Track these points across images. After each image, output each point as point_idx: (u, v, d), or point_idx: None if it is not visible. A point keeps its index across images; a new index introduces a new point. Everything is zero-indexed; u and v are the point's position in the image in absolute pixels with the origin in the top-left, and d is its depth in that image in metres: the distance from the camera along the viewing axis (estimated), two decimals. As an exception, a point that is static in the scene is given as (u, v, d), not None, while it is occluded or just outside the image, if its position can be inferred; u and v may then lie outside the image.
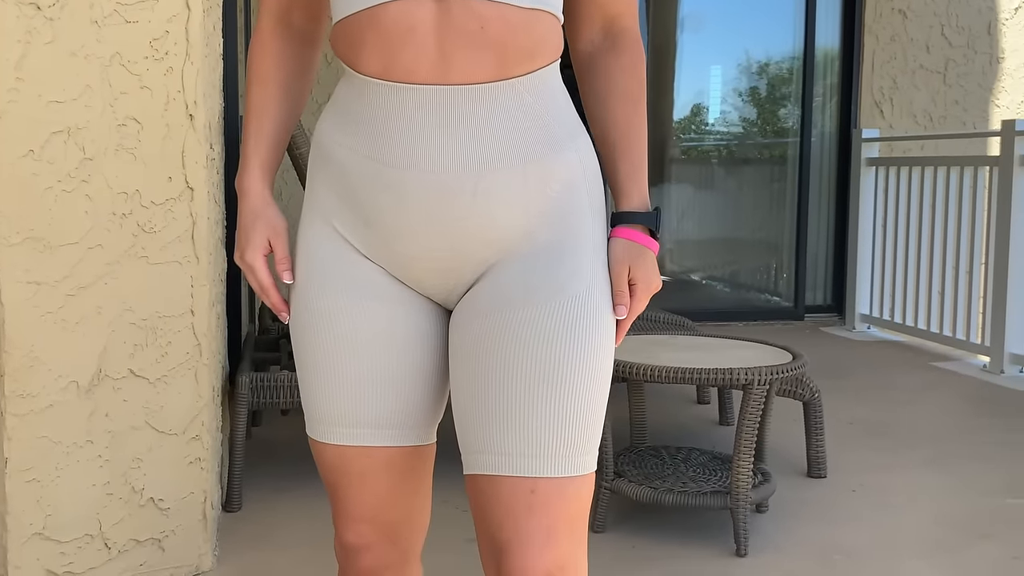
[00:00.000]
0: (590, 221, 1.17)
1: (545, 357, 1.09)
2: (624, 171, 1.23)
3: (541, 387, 1.09)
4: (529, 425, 1.08)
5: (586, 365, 1.11)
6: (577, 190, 1.17)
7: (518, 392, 1.09)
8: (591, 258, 1.16)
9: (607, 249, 1.20)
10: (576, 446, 1.10)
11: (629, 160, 1.22)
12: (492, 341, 1.11)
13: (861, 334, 5.71)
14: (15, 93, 2.08)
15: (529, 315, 1.11)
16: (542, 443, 1.09)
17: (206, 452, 2.31)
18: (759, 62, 6.21)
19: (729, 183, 6.29)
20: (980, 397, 4.21)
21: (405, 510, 1.25)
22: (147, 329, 2.22)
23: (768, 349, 2.87)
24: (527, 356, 1.10)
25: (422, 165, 1.09)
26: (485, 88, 1.09)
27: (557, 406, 1.09)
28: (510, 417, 1.09)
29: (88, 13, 2.11)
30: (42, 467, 2.16)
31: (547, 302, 1.11)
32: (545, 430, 1.08)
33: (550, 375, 1.09)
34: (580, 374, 1.10)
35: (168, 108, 2.19)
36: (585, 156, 1.19)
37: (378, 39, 1.09)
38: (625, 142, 1.23)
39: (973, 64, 6.28)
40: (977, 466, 3.22)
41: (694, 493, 2.51)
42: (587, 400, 1.10)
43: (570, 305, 1.11)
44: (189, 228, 2.24)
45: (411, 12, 1.08)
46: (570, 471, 1.10)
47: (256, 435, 3.50)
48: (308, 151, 2.79)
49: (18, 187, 2.10)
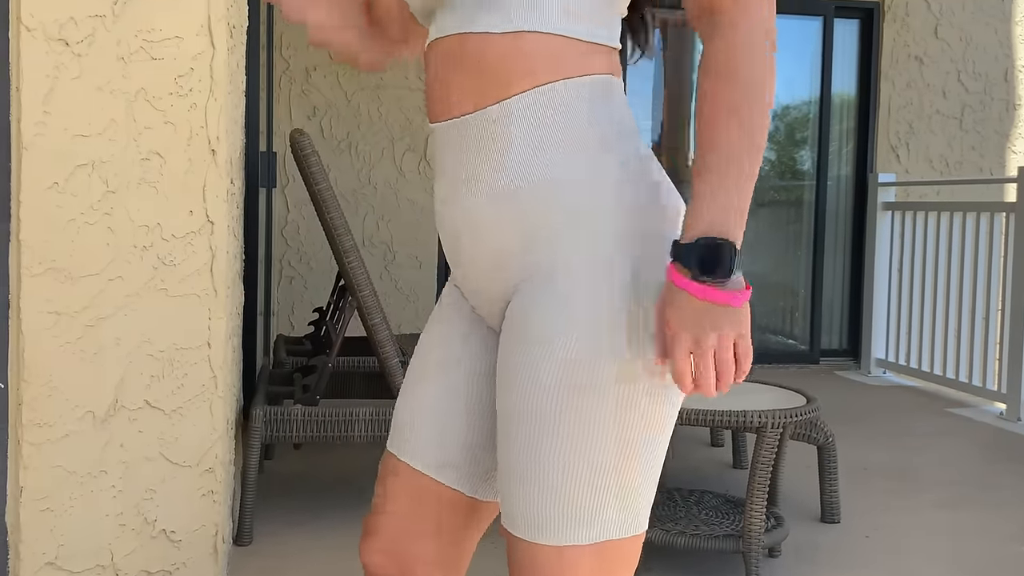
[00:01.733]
0: (604, 254, 1.01)
1: (521, 423, 1.03)
2: (697, 190, 1.00)
3: (518, 450, 1.03)
4: (506, 483, 1.06)
5: (561, 439, 1.00)
6: (582, 216, 1.03)
7: (501, 449, 1.07)
8: (591, 301, 1.00)
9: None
10: (549, 516, 1.03)
11: (705, 177, 0.99)
12: (495, 382, 1.14)
13: (877, 379, 5.68)
14: (42, 127, 2.12)
15: (516, 362, 1.03)
16: (513, 503, 1.04)
17: (219, 485, 2.32)
18: (776, 106, 6.25)
19: (746, 225, 6.29)
20: (996, 444, 4.18)
21: (432, 556, 1.20)
22: (164, 361, 2.24)
23: (782, 392, 2.86)
24: (506, 412, 1.05)
25: (449, 199, 1.12)
26: (469, 119, 1.07)
27: (531, 472, 1.02)
28: (503, 472, 1.07)
29: (115, 50, 2.15)
30: (56, 496, 2.18)
31: (531, 352, 1.02)
32: (522, 493, 1.03)
33: (523, 443, 1.02)
34: (555, 449, 1.00)
35: (191, 143, 2.23)
36: (602, 178, 1.04)
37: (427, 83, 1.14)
38: (704, 150, 1.00)
39: (990, 110, 6.30)
40: (992, 513, 3.19)
41: (706, 536, 2.50)
42: (567, 473, 1.01)
43: (555, 365, 1.00)
44: (208, 261, 2.26)
45: (430, 52, 1.12)
46: (538, 538, 1.02)
47: (268, 469, 3.50)
48: (312, 155, 2.82)
49: (42, 218, 2.13)
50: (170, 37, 2.19)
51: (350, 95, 5.47)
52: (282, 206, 5.42)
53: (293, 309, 5.47)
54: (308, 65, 5.41)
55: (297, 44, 5.39)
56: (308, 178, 2.86)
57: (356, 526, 2.92)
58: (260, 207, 3.98)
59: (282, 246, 5.44)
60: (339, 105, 5.46)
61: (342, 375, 3.60)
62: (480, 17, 1.05)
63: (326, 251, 5.45)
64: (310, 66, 5.41)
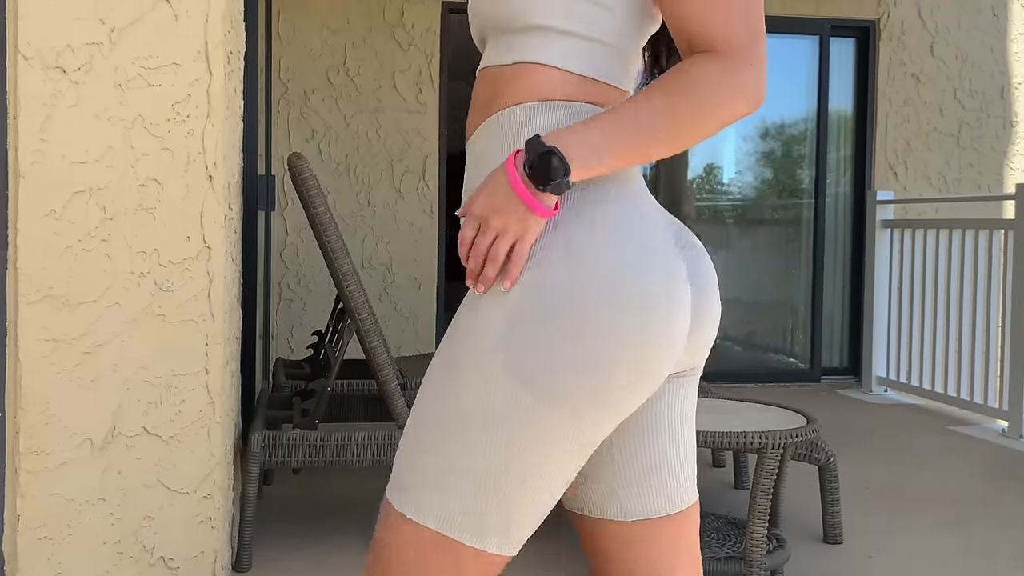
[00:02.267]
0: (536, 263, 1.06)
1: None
2: (589, 118, 1.05)
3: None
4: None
5: (417, 404, 1.10)
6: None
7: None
8: (475, 307, 1.08)
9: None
10: (394, 478, 1.10)
11: (601, 114, 1.04)
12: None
13: (878, 397, 5.66)
14: (39, 154, 2.12)
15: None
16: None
17: (217, 511, 2.31)
18: (774, 124, 6.27)
19: (744, 244, 6.30)
20: (998, 462, 4.16)
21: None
22: (161, 387, 2.24)
23: (782, 412, 2.85)
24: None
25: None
26: (471, 140, 1.16)
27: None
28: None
29: (112, 77, 2.16)
30: (54, 524, 2.17)
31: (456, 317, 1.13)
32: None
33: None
34: (415, 413, 1.09)
35: (188, 169, 2.23)
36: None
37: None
38: (623, 103, 1.05)
39: (987, 127, 6.31)
40: (996, 532, 3.17)
41: (708, 559, 2.48)
42: (408, 434, 1.09)
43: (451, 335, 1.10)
44: (206, 287, 2.26)
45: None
46: (389, 496, 1.09)
47: (267, 494, 3.49)
48: (310, 178, 2.83)
49: (39, 246, 2.13)
50: (167, 64, 2.20)
51: (348, 118, 5.48)
52: (281, 229, 5.43)
53: (292, 332, 5.47)
54: (306, 88, 5.43)
55: (295, 68, 5.41)
56: (306, 201, 2.86)
57: (355, 551, 2.90)
58: (259, 230, 3.99)
59: (281, 269, 5.44)
60: (337, 128, 5.48)
61: (341, 399, 3.59)
62: (493, 54, 1.13)
63: (325, 274, 5.45)
64: (308, 89, 5.43)
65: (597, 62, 1.10)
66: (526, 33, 1.09)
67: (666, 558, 1.17)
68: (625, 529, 1.17)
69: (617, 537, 1.17)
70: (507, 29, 1.10)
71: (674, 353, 1.07)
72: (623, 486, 1.16)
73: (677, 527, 1.18)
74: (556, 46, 1.08)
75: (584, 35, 1.09)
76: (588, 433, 1.05)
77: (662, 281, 1.05)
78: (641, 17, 1.12)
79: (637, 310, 1.03)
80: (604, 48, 1.10)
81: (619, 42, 1.11)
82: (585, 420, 1.03)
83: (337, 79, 5.46)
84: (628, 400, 1.05)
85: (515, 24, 1.09)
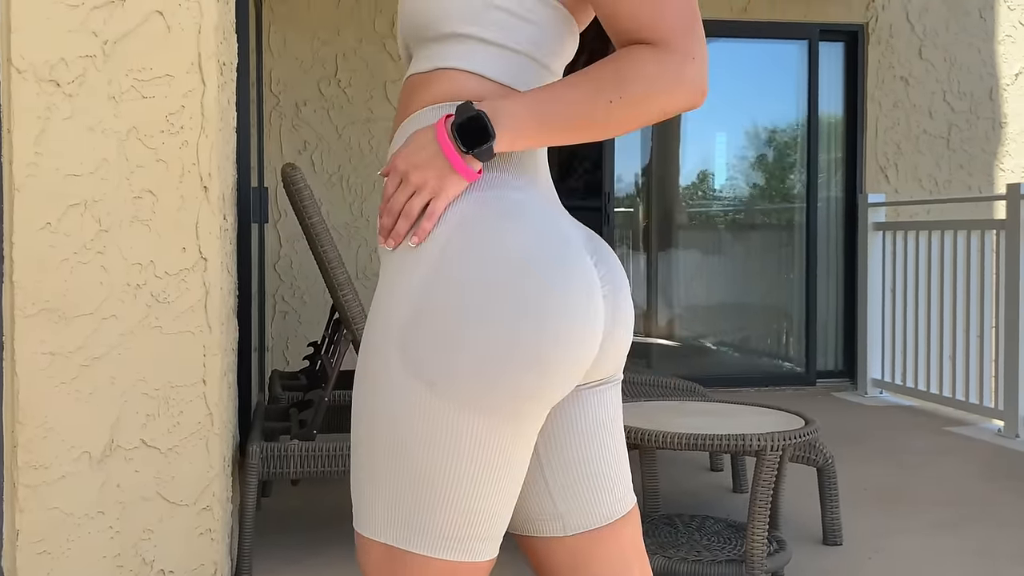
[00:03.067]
0: (414, 270, 1.04)
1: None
2: (526, 91, 1.06)
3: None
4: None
5: (355, 425, 1.07)
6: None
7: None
8: (385, 317, 1.04)
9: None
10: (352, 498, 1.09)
11: (537, 88, 1.05)
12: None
13: (873, 399, 5.67)
14: (34, 168, 2.12)
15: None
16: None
17: (216, 523, 2.30)
18: (764, 129, 6.29)
19: (737, 249, 6.32)
20: (995, 461, 4.17)
21: None
22: (159, 399, 2.23)
23: (780, 415, 2.86)
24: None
25: None
26: (392, 143, 1.18)
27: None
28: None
29: (106, 89, 2.16)
30: (53, 539, 2.16)
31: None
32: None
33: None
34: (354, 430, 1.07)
35: (183, 180, 2.23)
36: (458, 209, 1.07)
37: None
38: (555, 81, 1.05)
39: (976, 129, 6.34)
40: (994, 531, 3.18)
41: (709, 562, 2.48)
42: (356, 464, 1.07)
43: (363, 349, 1.08)
44: (202, 298, 2.26)
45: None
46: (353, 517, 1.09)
47: (266, 505, 3.48)
48: (304, 188, 2.83)
49: (35, 259, 2.13)
50: (160, 75, 2.20)
51: (340, 129, 5.49)
52: (274, 241, 5.42)
53: (287, 344, 5.46)
54: (298, 100, 5.43)
55: (287, 79, 5.42)
56: (301, 212, 2.86)
57: (354, 562, 2.89)
58: (253, 242, 3.99)
59: (275, 281, 5.44)
60: (330, 139, 5.48)
61: (338, 409, 3.59)
62: (416, 64, 1.14)
63: (319, 285, 5.44)
64: (300, 101, 5.44)
65: (512, 69, 1.10)
66: (444, 41, 1.09)
67: (615, 568, 1.16)
68: (569, 544, 1.15)
69: (563, 553, 1.16)
70: (426, 38, 1.11)
71: (593, 346, 1.04)
72: (561, 499, 1.14)
73: (620, 534, 1.17)
74: (472, 52, 1.09)
75: (500, 43, 1.09)
76: (511, 429, 1.02)
77: (579, 277, 1.03)
78: (563, 33, 1.13)
79: (556, 301, 1.00)
80: (520, 57, 1.10)
81: (539, 54, 1.11)
82: (505, 418, 1.01)
83: (328, 90, 5.46)
84: (547, 394, 1.02)
85: (433, 32, 1.10)
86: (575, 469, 1.14)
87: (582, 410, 1.14)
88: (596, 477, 1.15)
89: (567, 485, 1.14)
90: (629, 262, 6.32)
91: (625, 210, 6.26)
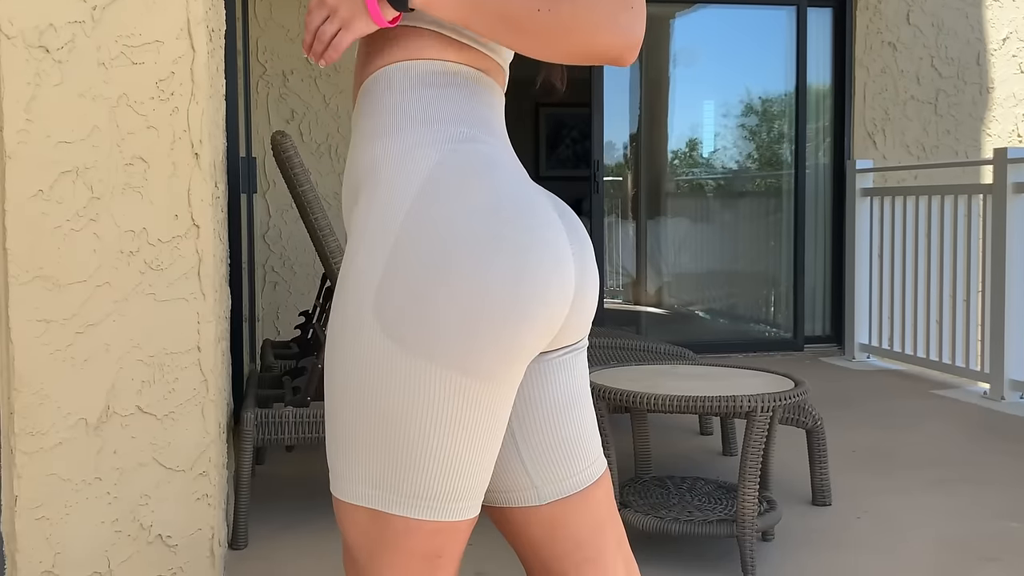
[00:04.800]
0: (385, 227, 1.03)
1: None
2: None
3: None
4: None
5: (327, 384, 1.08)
6: (359, 192, 1.08)
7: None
8: (366, 259, 1.03)
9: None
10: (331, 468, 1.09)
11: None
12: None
13: (861, 364, 5.72)
14: (24, 134, 2.11)
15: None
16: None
17: (213, 488, 2.32)
18: (752, 96, 6.29)
19: (725, 216, 6.33)
20: (981, 424, 4.22)
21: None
22: (154, 366, 2.24)
23: (770, 377, 2.88)
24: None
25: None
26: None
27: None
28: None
29: (96, 55, 2.15)
30: (51, 505, 2.17)
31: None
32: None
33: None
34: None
35: (174, 147, 2.23)
36: (380, 159, 1.07)
37: None
38: None
39: (963, 94, 6.36)
40: (981, 491, 3.23)
41: (700, 522, 2.52)
42: (332, 430, 1.07)
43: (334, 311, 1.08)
44: (195, 265, 2.26)
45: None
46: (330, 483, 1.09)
47: (260, 472, 3.50)
48: (295, 156, 2.83)
49: (27, 226, 2.13)
50: (150, 41, 2.19)
51: (328, 98, 5.46)
52: (263, 211, 5.41)
53: (278, 314, 5.46)
54: (285, 69, 5.40)
55: (274, 48, 5.38)
56: (291, 180, 2.86)
57: (351, 526, 2.92)
58: (242, 212, 3.98)
59: (264, 251, 5.43)
60: (317, 108, 5.46)
61: (331, 377, 3.59)
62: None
63: (309, 255, 5.44)
64: (287, 70, 5.41)
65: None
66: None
67: (590, 533, 1.16)
68: (545, 512, 1.15)
69: (538, 521, 1.15)
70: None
71: (565, 300, 1.04)
72: (535, 470, 1.14)
73: (592, 499, 1.16)
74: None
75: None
76: (489, 387, 1.01)
77: (551, 231, 1.03)
78: None
79: (530, 254, 1.00)
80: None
81: None
82: (482, 375, 1.00)
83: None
84: (524, 350, 1.02)
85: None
86: (548, 440, 1.13)
87: (552, 380, 1.13)
88: (569, 446, 1.14)
89: (540, 456, 1.14)
90: (618, 230, 6.33)
91: (614, 178, 6.27)
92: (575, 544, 1.16)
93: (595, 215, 6.02)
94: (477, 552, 2.69)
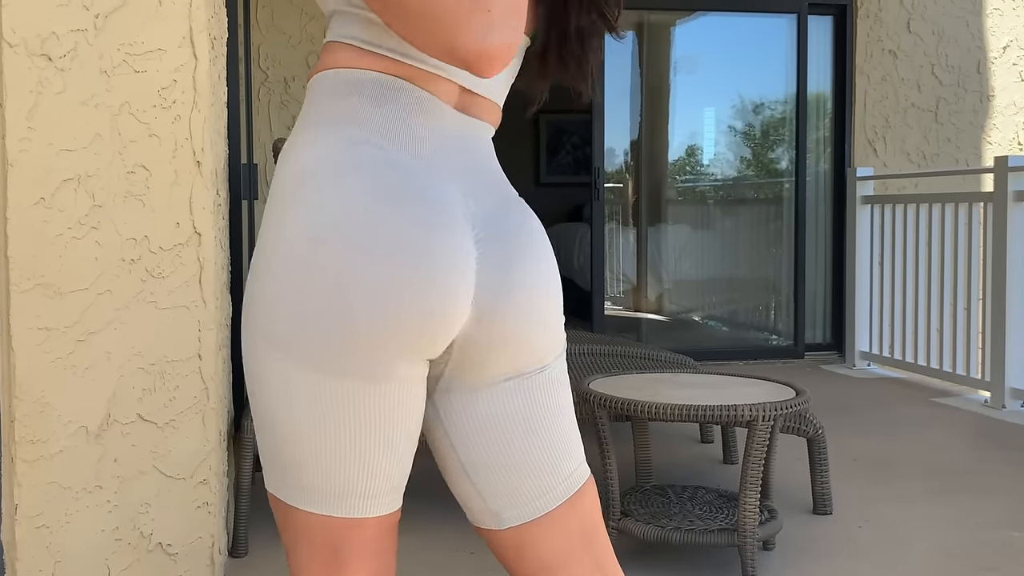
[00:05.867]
0: (271, 216, 1.04)
1: None
2: None
3: None
4: None
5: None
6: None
7: None
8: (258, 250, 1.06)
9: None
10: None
11: None
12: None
13: (861, 371, 5.72)
14: (27, 142, 2.11)
15: None
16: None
17: (213, 496, 2.31)
18: (753, 103, 6.29)
19: (726, 223, 6.34)
20: (982, 432, 4.22)
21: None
22: (155, 374, 2.24)
23: (771, 386, 2.88)
24: None
25: None
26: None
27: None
28: None
29: (98, 63, 2.15)
30: (51, 513, 2.17)
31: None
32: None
33: None
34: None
35: (176, 155, 2.23)
36: (294, 149, 1.06)
37: None
38: None
39: (964, 102, 6.36)
40: (981, 500, 3.22)
41: (701, 531, 2.51)
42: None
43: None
44: (197, 273, 2.26)
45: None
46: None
47: (261, 480, 3.49)
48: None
49: (29, 234, 2.13)
50: (152, 50, 2.19)
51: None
52: (264, 217, 5.41)
53: (278, 320, 5.46)
54: (287, 76, 5.41)
55: (276, 55, 5.39)
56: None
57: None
58: (243, 219, 3.97)
59: (265, 257, 5.42)
60: (318, 115, 5.46)
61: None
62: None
63: (310, 261, 5.43)
64: (288, 77, 5.41)
65: (380, 37, 1.06)
66: (331, 17, 1.12)
67: (560, 557, 1.12)
68: (508, 535, 1.12)
69: (503, 544, 1.13)
70: (326, 16, 1.14)
71: (427, 305, 0.99)
72: (490, 497, 1.11)
73: (563, 521, 1.12)
74: (347, 25, 1.10)
75: (367, 15, 1.06)
76: (347, 386, 1.00)
77: (434, 234, 0.98)
78: None
79: (365, 263, 0.97)
80: (382, 25, 1.05)
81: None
82: (335, 374, 0.99)
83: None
84: (367, 350, 0.99)
85: (325, 10, 1.13)
86: (495, 465, 1.10)
87: (496, 404, 1.09)
88: (522, 475, 1.10)
89: (489, 481, 1.10)
90: (619, 237, 6.34)
91: (614, 185, 6.27)
92: (543, 566, 1.13)
93: (595, 222, 6.02)
94: (479, 561, 2.69)
